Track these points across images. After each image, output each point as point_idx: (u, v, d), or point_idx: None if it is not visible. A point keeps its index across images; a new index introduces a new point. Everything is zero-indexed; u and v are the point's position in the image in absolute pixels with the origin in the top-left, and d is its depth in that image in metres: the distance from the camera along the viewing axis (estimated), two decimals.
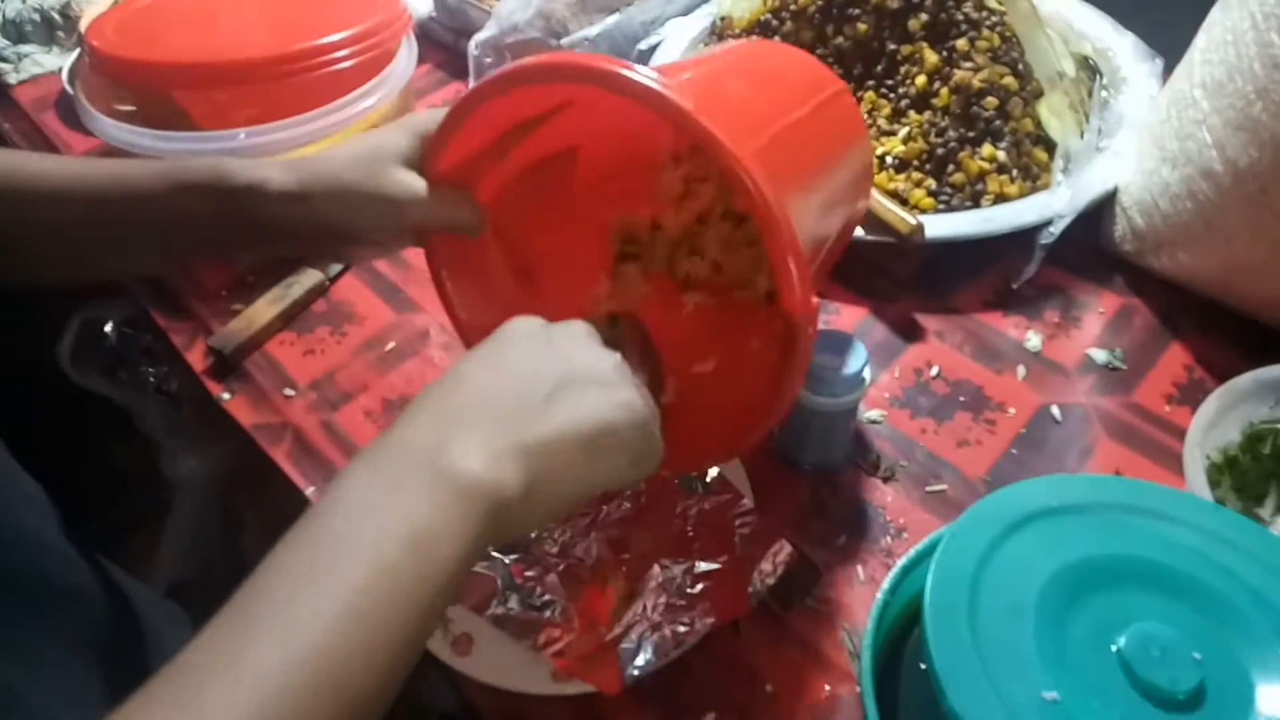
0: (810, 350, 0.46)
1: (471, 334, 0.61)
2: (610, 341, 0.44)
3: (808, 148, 0.54)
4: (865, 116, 0.86)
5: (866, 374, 0.59)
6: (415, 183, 0.51)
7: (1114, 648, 0.43)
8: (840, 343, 0.59)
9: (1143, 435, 0.65)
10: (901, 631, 0.51)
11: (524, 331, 0.42)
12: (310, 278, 0.80)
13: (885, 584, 0.49)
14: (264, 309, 0.77)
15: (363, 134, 0.53)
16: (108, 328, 0.92)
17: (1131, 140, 0.79)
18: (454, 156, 0.52)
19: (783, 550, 0.57)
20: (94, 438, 1.09)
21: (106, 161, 0.55)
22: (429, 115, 0.52)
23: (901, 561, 0.49)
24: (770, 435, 0.65)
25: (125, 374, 0.96)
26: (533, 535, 0.58)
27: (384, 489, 0.34)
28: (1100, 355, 0.71)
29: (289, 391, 0.73)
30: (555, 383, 0.39)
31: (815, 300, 0.44)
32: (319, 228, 0.51)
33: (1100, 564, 0.46)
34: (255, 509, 0.90)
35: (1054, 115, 0.81)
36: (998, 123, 0.81)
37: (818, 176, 0.55)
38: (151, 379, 0.95)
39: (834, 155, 0.58)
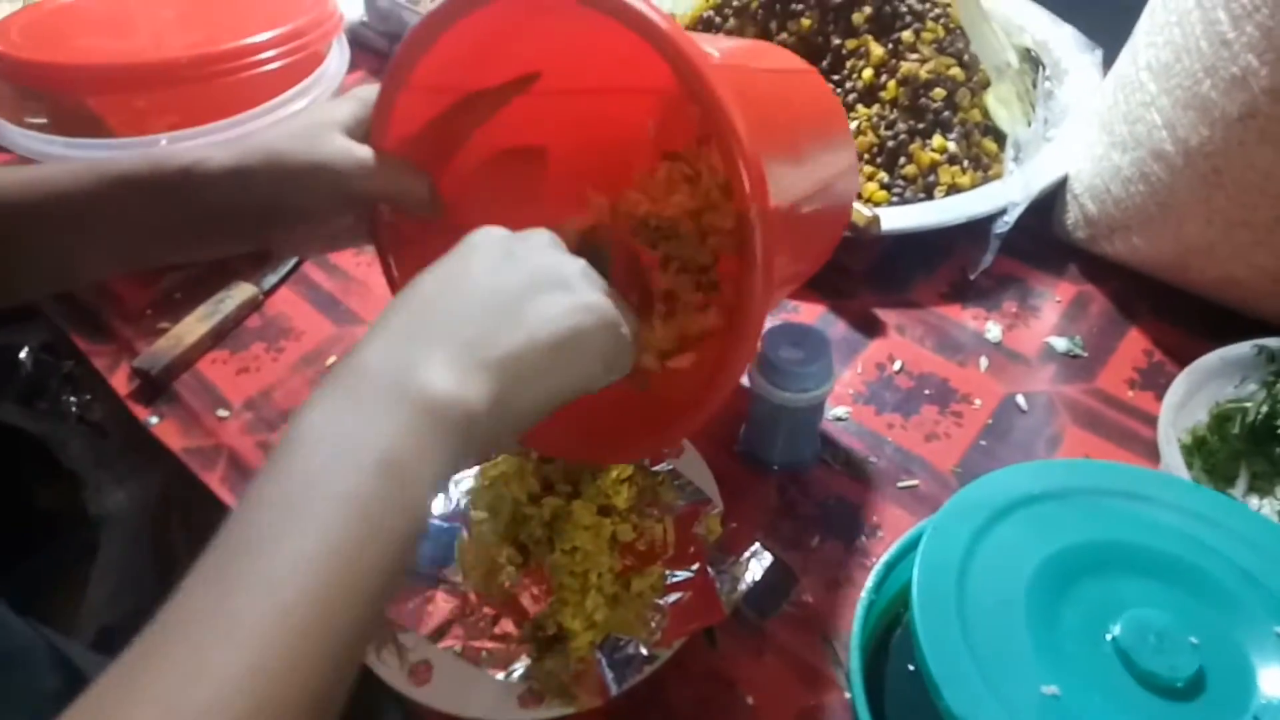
0: (771, 268, 0.42)
1: None
2: (579, 252, 0.43)
3: (777, 96, 0.52)
4: None
5: (833, 367, 0.57)
6: (358, 150, 0.48)
7: (1109, 636, 0.41)
8: (804, 336, 0.57)
9: (1108, 421, 0.65)
10: (885, 630, 0.49)
11: (485, 242, 0.41)
12: (242, 292, 0.76)
13: (869, 582, 0.46)
14: (193, 326, 0.73)
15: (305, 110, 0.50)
16: (22, 354, 0.86)
17: (1078, 128, 0.79)
18: (404, 125, 0.49)
19: (756, 555, 0.54)
20: (9, 476, 1.02)
21: (18, 168, 0.50)
22: (376, 87, 0.49)
23: (884, 557, 0.47)
24: (737, 436, 0.63)
25: (44, 404, 0.90)
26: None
27: (349, 418, 0.32)
28: (1060, 343, 0.71)
29: (222, 412, 0.68)
30: (518, 292, 0.38)
31: (773, 204, 0.41)
32: (260, 208, 0.47)
33: (1087, 551, 0.44)
34: (190, 542, 0.85)
35: (1002, 105, 0.81)
36: (946, 114, 0.80)
37: (786, 123, 0.52)
38: (74, 408, 0.89)
39: (806, 114, 0.56)
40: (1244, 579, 0.43)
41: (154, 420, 0.68)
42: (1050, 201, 0.79)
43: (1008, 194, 0.75)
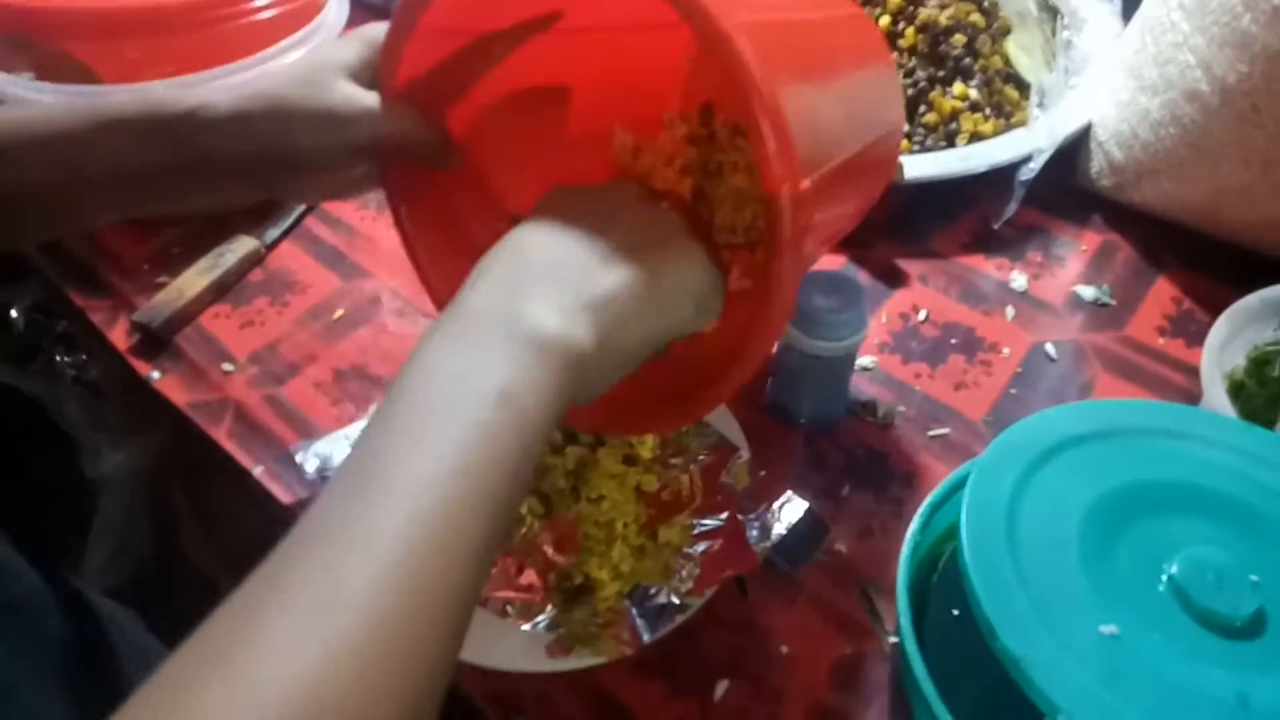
0: (800, 243, 0.40)
1: (439, 289, 0.55)
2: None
3: (820, 48, 0.48)
4: None
5: (867, 316, 0.55)
6: (362, 96, 0.45)
7: (1165, 576, 0.40)
8: (837, 284, 0.55)
9: (1140, 368, 0.63)
10: (926, 573, 0.47)
11: (574, 193, 0.42)
12: (243, 245, 0.73)
13: (915, 523, 0.45)
14: (194, 279, 0.70)
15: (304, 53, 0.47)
16: (14, 313, 0.83)
17: (1101, 75, 0.77)
18: (413, 68, 0.46)
19: (788, 503, 0.52)
20: (6, 440, 0.99)
21: (9, 109, 0.47)
22: (384, 25, 0.46)
23: (929, 498, 0.46)
24: (764, 388, 0.61)
25: (38, 365, 0.87)
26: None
27: (463, 357, 0.33)
28: (1088, 292, 0.69)
29: (227, 366, 0.66)
30: (615, 236, 0.38)
31: (805, 184, 0.38)
32: (262, 156, 0.45)
33: (1137, 490, 0.43)
34: (191, 501, 0.83)
35: (1023, 52, 0.79)
36: (967, 60, 0.78)
37: (829, 80, 0.49)
38: (69, 369, 0.87)
39: (853, 68, 0.52)
40: None
41: (156, 375, 0.66)
42: (1072, 151, 0.77)
43: (1033, 141, 0.73)
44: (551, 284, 0.36)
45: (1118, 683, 0.36)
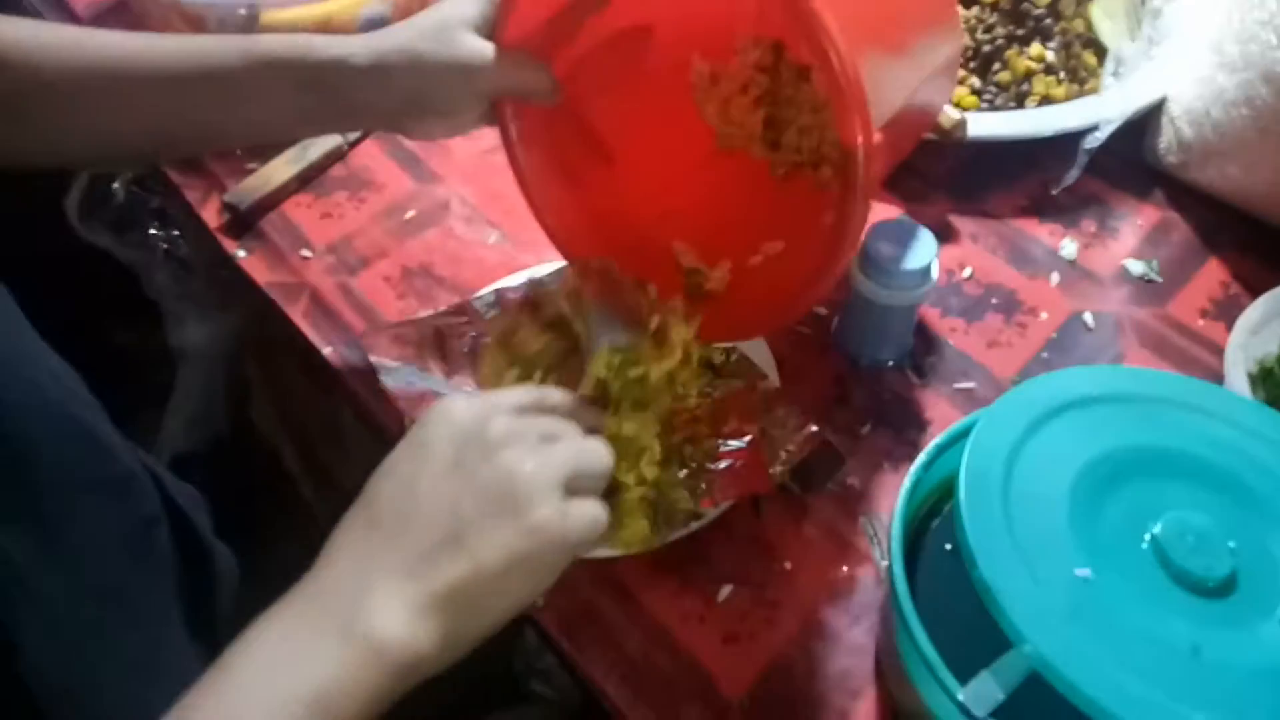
0: (870, 190, 0.44)
1: (546, 213, 0.60)
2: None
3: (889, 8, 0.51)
4: None
5: (935, 269, 0.57)
6: (486, 48, 0.50)
7: (1148, 535, 0.42)
8: (907, 233, 0.57)
9: (1174, 346, 0.65)
10: (927, 515, 0.50)
11: (438, 441, 0.40)
12: (328, 141, 0.77)
13: (920, 459, 0.48)
14: (281, 168, 0.75)
15: (430, 8, 0.52)
16: (115, 185, 0.89)
17: (1183, 47, 0.76)
18: (525, 22, 0.50)
19: (807, 432, 0.56)
20: (95, 306, 1.07)
21: (174, 37, 0.53)
22: None
23: (936, 440, 0.49)
24: (829, 328, 0.64)
25: (134, 236, 0.93)
26: None
27: (296, 647, 0.35)
28: (1136, 266, 0.70)
29: (306, 253, 0.71)
30: (465, 514, 0.38)
31: (878, 135, 0.42)
32: (395, 102, 0.51)
33: (1138, 453, 0.45)
34: (264, 378, 0.89)
35: (1107, 17, 0.78)
36: (1048, 21, 0.77)
37: (896, 35, 0.52)
38: (162, 243, 0.93)
39: (917, 24, 0.55)
40: None
41: (241, 254, 0.71)
42: (1143, 123, 0.76)
43: (1103, 110, 0.73)
44: (398, 569, 0.36)
45: (1082, 621, 0.39)
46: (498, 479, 0.38)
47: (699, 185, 0.63)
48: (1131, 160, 0.77)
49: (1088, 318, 0.66)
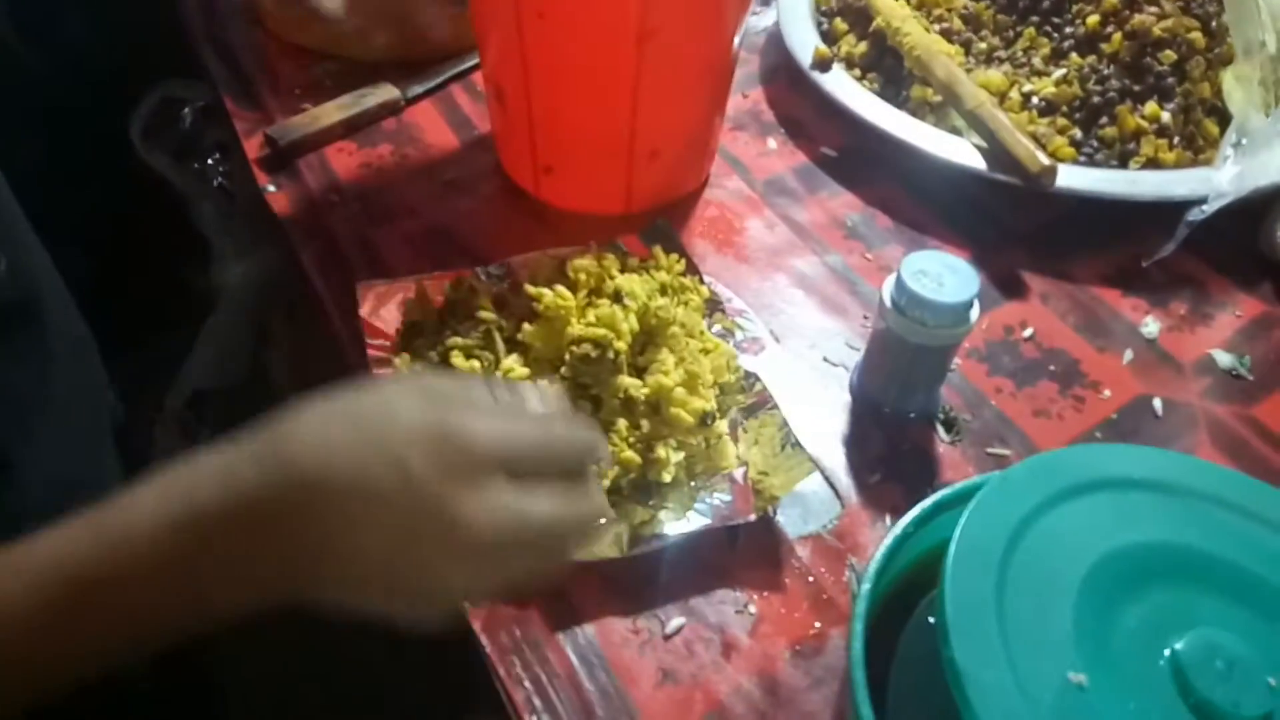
0: None
1: None
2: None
3: None
4: (1020, 54, 0.77)
5: (976, 310, 0.51)
6: None
7: (1168, 650, 0.35)
8: (946, 265, 0.51)
9: (1254, 452, 0.56)
10: (916, 581, 0.44)
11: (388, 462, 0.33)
12: (385, 93, 0.76)
13: (912, 513, 0.41)
14: (331, 111, 0.73)
15: None
16: (186, 110, 0.89)
17: None
18: None
19: (802, 466, 0.50)
20: (146, 230, 1.07)
21: None
22: None
23: (939, 495, 0.42)
24: (856, 377, 0.58)
25: (195, 163, 0.93)
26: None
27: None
28: (1225, 359, 0.62)
29: (334, 197, 0.68)
30: (427, 554, 0.33)
31: None
32: None
33: (1173, 553, 0.38)
34: (287, 326, 0.87)
35: (1239, 85, 0.70)
36: (1170, 80, 0.70)
37: None
38: (219, 175, 0.92)
39: None
40: None
41: (271, 188, 0.69)
42: (1260, 207, 0.68)
43: (1215, 182, 0.65)
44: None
45: None
46: (470, 515, 0.32)
47: None
48: (1241, 245, 0.69)
49: (1157, 404, 0.58)
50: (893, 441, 0.55)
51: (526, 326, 0.52)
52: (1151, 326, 0.64)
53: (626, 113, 0.61)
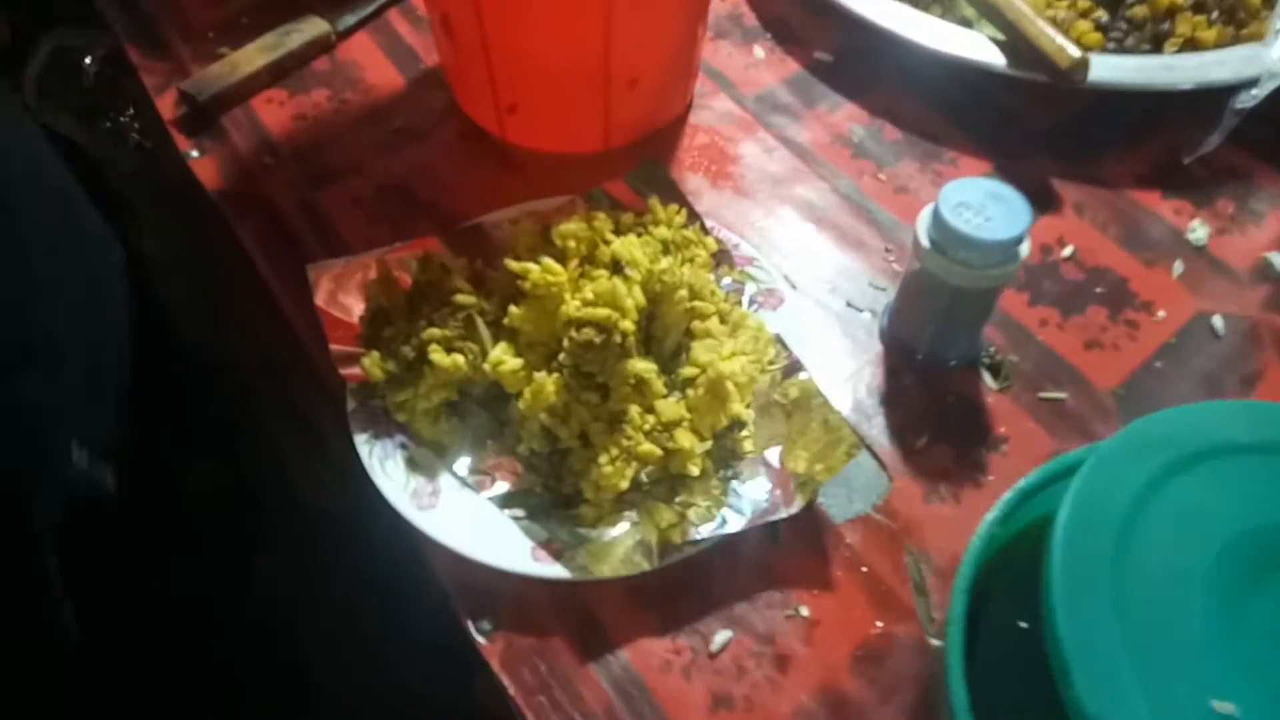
0: None
1: None
2: None
3: None
4: None
5: (1026, 245, 0.44)
6: None
7: None
8: (993, 195, 0.43)
9: None
10: (993, 570, 0.38)
11: None
12: (314, 27, 0.65)
13: (996, 511, 0.36)
14: (253, 55, 0.63)
15: None
16: (88, 61, 0.78)
17: None
18: None
19: (848, 439, 0.44)
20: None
21: None
22: None
23: (1022, 482, 0.36)
24: (887, 323, 0.51)
25: (107, 123, 0.83)
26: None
27: None
28: None
29: (269, 159, 0.59)
30: None
31: None
32: None
33: None
34: (231, 289, 0.79)
35: None
36: None
37: None
38: (134, 132, 0.82)
39: None
40: None
41: (195, 154, 0.60)
42: None
43: (1264, 61, 0.58)
44: None
45: None
46: None
47: None
48: None
49: (1216, 321, 0.53)
50: (935, 395, 0.49)
51: (513, 309, 0.44)
52: (1200, 232, 0.57)
53: (599, 34, 0.52)
